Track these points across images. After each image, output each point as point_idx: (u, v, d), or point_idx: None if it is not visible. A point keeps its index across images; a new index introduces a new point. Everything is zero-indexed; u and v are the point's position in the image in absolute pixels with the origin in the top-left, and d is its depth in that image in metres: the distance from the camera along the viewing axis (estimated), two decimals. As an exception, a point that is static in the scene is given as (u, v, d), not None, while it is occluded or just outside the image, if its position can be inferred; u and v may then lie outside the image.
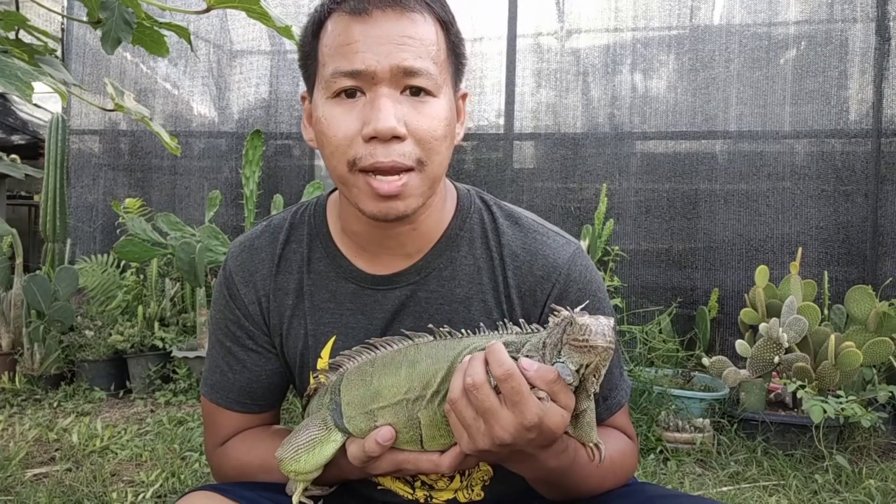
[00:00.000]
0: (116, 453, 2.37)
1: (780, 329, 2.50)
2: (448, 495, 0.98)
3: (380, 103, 0.80)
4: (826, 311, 2.95)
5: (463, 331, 0.82)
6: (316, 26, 0.87)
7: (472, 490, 0.98)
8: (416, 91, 0.82)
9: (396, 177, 0.82)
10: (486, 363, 0.73)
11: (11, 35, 1.41)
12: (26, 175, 2.04)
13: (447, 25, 0.87)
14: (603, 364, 0.72)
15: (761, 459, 2.37)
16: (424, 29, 0.83)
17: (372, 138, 0.80)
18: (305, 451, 0.85)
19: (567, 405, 0.73)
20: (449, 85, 0.87)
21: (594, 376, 0.74)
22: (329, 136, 0.84)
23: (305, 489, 0.89)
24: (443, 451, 0.81)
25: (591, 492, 0.91)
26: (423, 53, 0.82)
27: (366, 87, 0.82)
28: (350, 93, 0.83)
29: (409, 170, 0.82)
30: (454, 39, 0.89)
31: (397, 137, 0.80)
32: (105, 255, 3.88)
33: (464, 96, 0.95)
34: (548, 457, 0.78)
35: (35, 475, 2.19)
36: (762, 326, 2.55)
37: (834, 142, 3.42)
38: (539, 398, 0.71)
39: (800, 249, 2.85)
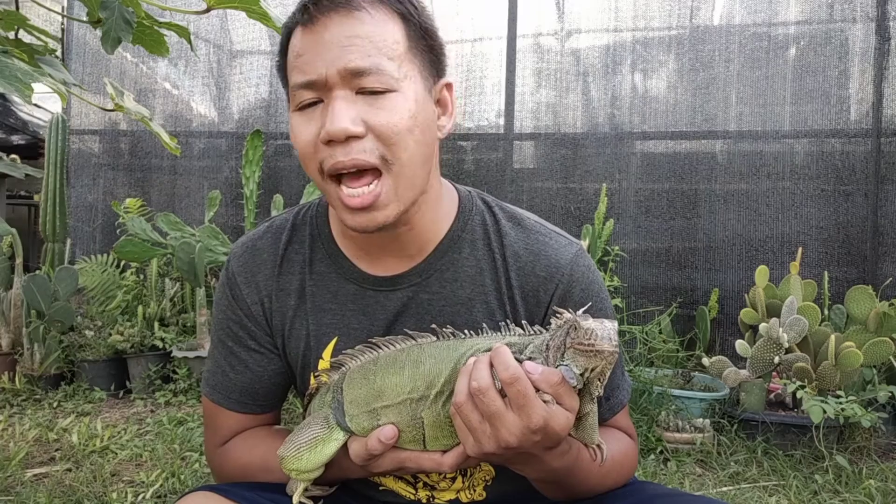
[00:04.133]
0: (116, 453, 2.37)
1: (780, 329, 2.50)
2: (450, 495, 0.98)
3: (333, 106, 0.80)
4: (826, 311, 2.95)
5: (466, 331, 0.82)
6: (283, 46, 0.88)
7: (475, 490, 0.98)
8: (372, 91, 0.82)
9: (366, 188, 0.81)
10: (491, 366, 0.73)
11: (11, 35, 1.41)
12: (26, 175, 2.04)
13: (405, 17, 0.85)
14: (608, 368, 0.72)
15: (761, 460, 2.37)
16: (372, 26, 0.82)
17: (329, 141, 0.80)
18: (307, 449, 0.85)
19: (572, 407, 0.73)
20: (415, 77, 0.85)
21: (599, 380, 0.74)
22: (298, 146, 0.85)
23: (306, 489, 0.89)
24: (445, 451, 0.81)
25: (593, 491, 0.91)
26: (373, 51, 0.81)
27: (323, 95, 0.82)
28: (314, 103, 0.83)
29: (373, 169, 0.82)
30: (418, 30, 0.86)
31: (354, 137, 0.80)
32: (105, 255, 3.87)
33: (448, 86, 0.92)
34: (551, 458, 0.79)
35: (35, 475, 2.19)
36: (762, 326, 2.55)
37: (834, 141, 3.42)
38: (544, 401, 0.71)
39: (800, 249, 2.85)
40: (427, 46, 0.87)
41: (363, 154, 0.80)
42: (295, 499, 0.88)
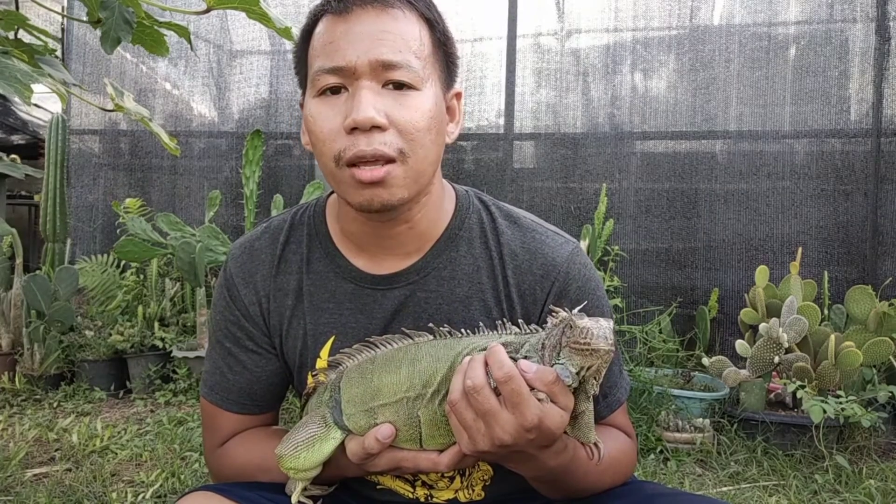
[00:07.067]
0: (116, 453, 2.37)
1: (780, 329, 2.50)
2: (448, 495, 0.98)
3: (360, 95, 0.82)
4: (826, 311, 2.95)
5: (463, 330, 0.82)
6: (306, 32, 0.90)
7: (473, 490, 0.98)
8: (399, 85, 0.84)
9: (379, 165, 0.83)
10: (486, 365, 0.73)
11: (11, 35, 1.41)
12: (26, 175, 2.05)
13: (431, 23, 0.88)
14: (604, 366, 0.73)
15: (761, 459, 2.37)
16: (405, 24, 0.85)
17: (353, 129, 0.82)
18: (305, 448, 0.85)
19: (566, 406, 0.73)
20: (435, 81, 0.88)
21: (594, 378, 0.74)
22: (316, 132, 0.86)
23: (304, 489, 0.89)
24: (441, 450, 0.81)
25: (591, 489, 0.91)
26: (403, 48, 0.84)
27: (348, 83, 0.84)
28: (335, 90, 0.85)
29: (391, 160, 0.83)
30: (440, 38, 0.90)
31: (378, 128, 0.82)
32: (105, 255, 3.87)
33: (458, 95, 0.95)
34: (547, 456, 0.79)
35: (35, 475, 2.19)
36: (762, 326, 2.55)
37: (834, 141, 3.42)
38: (538, 399, 0.71)
39: (800, 249, 2.85)
40: (445, 55, 0.91)
41: (384, 146, 0.82)
42: (294, 498, 0.88)
